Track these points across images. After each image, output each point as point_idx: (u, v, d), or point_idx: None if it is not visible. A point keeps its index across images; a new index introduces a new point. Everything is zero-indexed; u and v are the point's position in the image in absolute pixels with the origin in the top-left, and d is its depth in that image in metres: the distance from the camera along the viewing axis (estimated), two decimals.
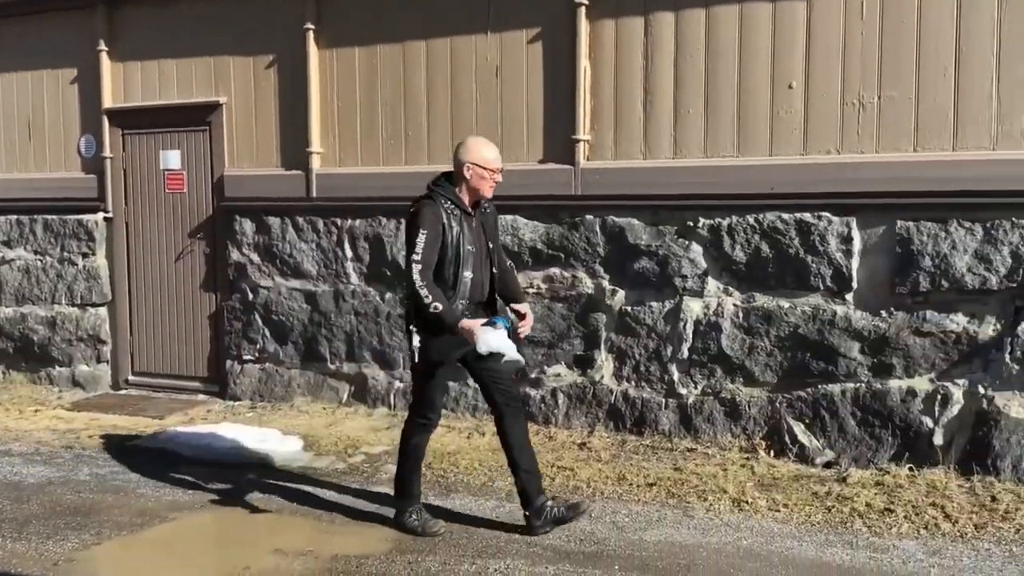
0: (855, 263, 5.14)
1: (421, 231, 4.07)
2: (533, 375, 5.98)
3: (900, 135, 4.99)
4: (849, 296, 5.16)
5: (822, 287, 5.22)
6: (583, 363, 5.88)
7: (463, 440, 5.77)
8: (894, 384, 5.05)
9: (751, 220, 5.38)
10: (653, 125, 5.64)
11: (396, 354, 6.43)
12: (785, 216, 5.28)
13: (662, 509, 4.62)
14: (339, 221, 6.58)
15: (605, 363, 5.83)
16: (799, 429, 5.27)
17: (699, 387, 5.57)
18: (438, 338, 4.15)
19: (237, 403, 6.91)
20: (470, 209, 4.24)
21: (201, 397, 7.17)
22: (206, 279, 7.16)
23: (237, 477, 5.23)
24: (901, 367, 5.03)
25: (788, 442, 5.28)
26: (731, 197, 5.41)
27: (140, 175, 7.34)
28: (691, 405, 5.57)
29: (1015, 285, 4.77)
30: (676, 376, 5.63)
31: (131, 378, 7.51)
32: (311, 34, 6.52)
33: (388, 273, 6.42)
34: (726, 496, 4.70)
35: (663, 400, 5.66)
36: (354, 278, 6.57)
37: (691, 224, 5.55)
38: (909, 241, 4.97)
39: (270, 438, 5.84)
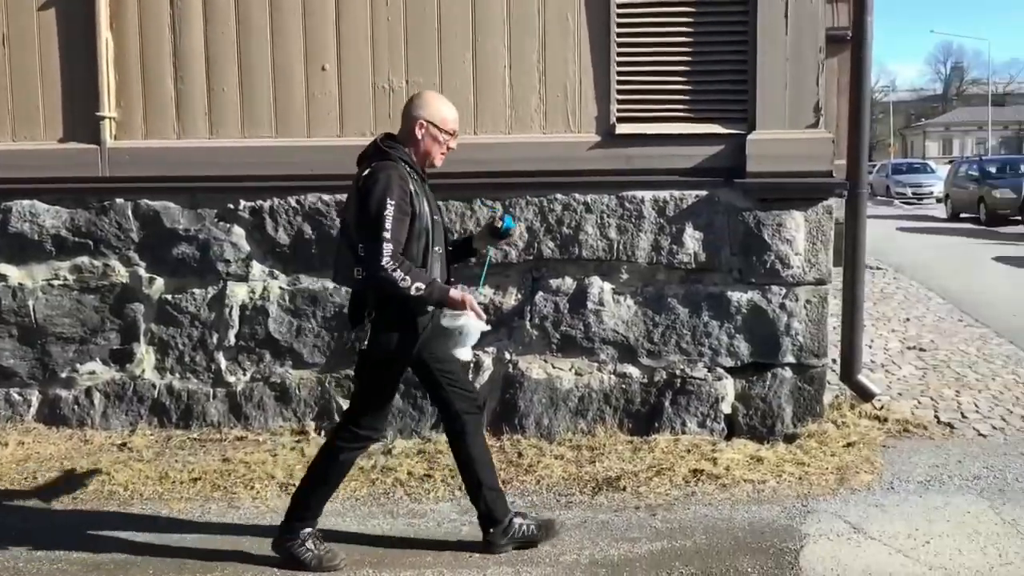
0: None
1: (388, 202, 3.38)
2: (64, 374, 5.47)
3: None
4: None
5: None
6: (121, 358, 5.47)
7: None
8: None
9: (293, 202, 5.34)
10: (186, 103, 5.37)
11: None
12: (326, 197, 5.31)
13: (207, 503, 4.45)
14: None
15: (146, 356, 5.48)
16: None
17: (248, 374, 5.45)
18: (409, 329, 3.53)
19: None
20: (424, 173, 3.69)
21: None
22: None
23: None
24: None
25: (338, 420, 5.35)
26: (272, 179, 5.32)
27: None
28: (240, 393, 5.42)
29: (531, 258, 5.23)
30: (224, 364, 5.44)
31: None
32: None
33: None
34: (274, 482, 4.64)
35: (211, 390, 5.44)
36: None
37: (232, 207, 5.38)
38: None
39: None
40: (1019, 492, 4.30)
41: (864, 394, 5.43)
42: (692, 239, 5.13)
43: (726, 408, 5.17)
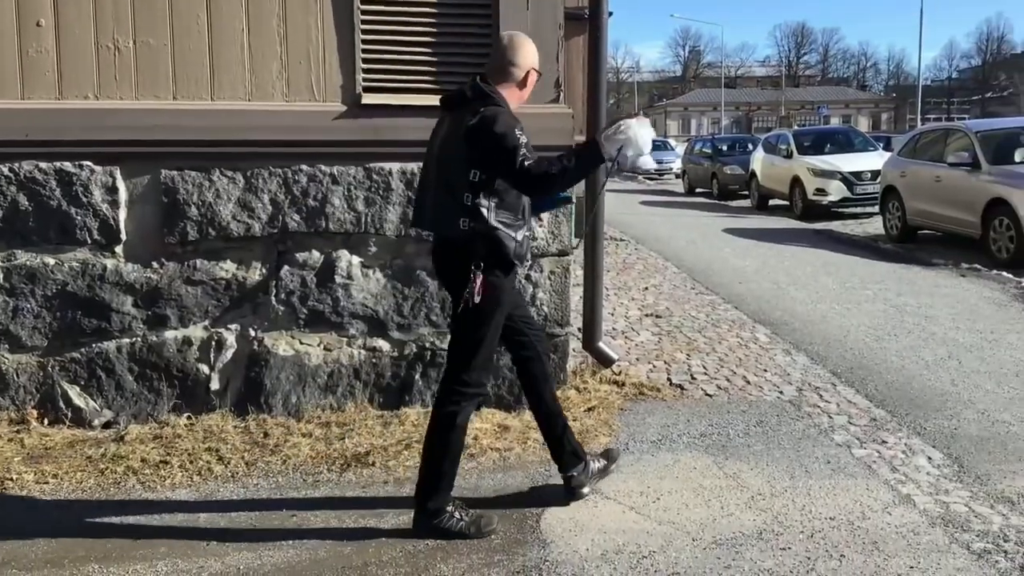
0: (123, 214, 4.95)
1: (518, 133, 3.37)
2: None
3: (159, 82, 4.90)
4: (119, 249, 4.96)
5: (90, 241, 4.93)
6: None
7: None
8: (170, 335, 5.02)
9: (6, 170, 4.84)
10: None
11: None
12: (43, 165, 4.86)
13: None
14: None
15: None
16: (74, 392, 4.96)
17: None
18: (509, 277, 3.58)
19: None
20: None
21: None
22: None
23: None
24: (176, 317, 5.01)
25: (63, 407, 4.94)
26: None
27: None
28: None
29: (276, 231, 5.04)
30: None
31: None
32: None
33: None
34: None
35: None
36: None
37: None
38: (175, 190, 4.94)
39: None
40: (740, 447, 4.65)
41: (604, 360, 5.68)
42: None
43: None
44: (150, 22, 4.84)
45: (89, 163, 4.88)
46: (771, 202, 19.27)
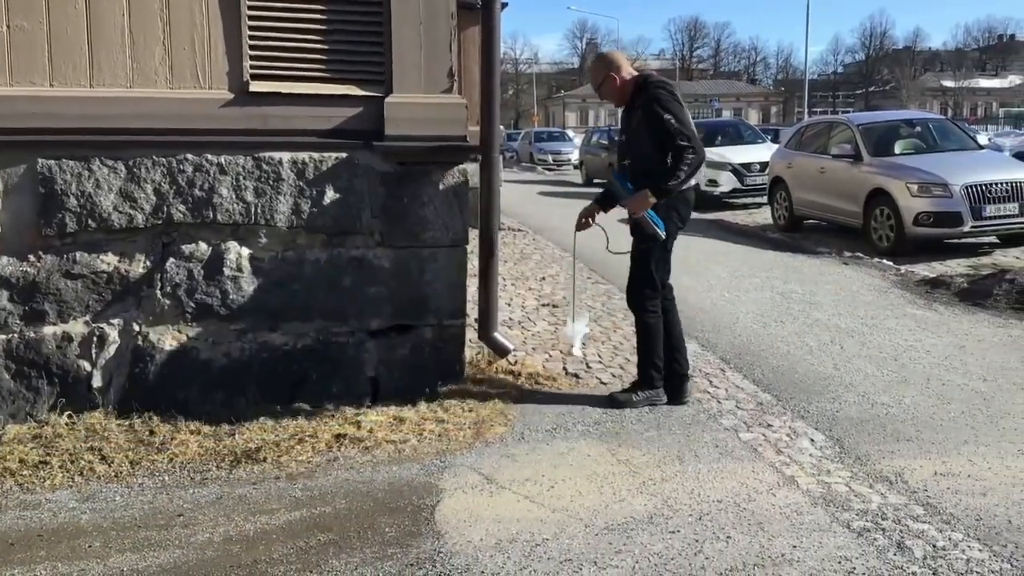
0: None
1: None
2: None
3: (35, 68, 4.68)
4: None
5: None
6: None
7: None
8: (49, 331, 4.82)
9: None
10: None
11: None
12: None
13: None
14: None
15: None
16: None
17: None
18: None
19: None
20: None
21: None
22: None
23: None
24: (55, 312, 4.82)
25: None
26: None
27: None
28: None
29: (160, 222, 4.89)
30: None
31: None
32: None
33: None
34: None
35: None
36: None
37: None
38: (53, 181, 4.74)
39: None
40: (633, 434, 4.72)
41: (500, 351, 5.69)
42: (333, 202, 5.05)
43: (370, 371, 5.19)
44: (25, 4, 4.63)
45: None
46: None
